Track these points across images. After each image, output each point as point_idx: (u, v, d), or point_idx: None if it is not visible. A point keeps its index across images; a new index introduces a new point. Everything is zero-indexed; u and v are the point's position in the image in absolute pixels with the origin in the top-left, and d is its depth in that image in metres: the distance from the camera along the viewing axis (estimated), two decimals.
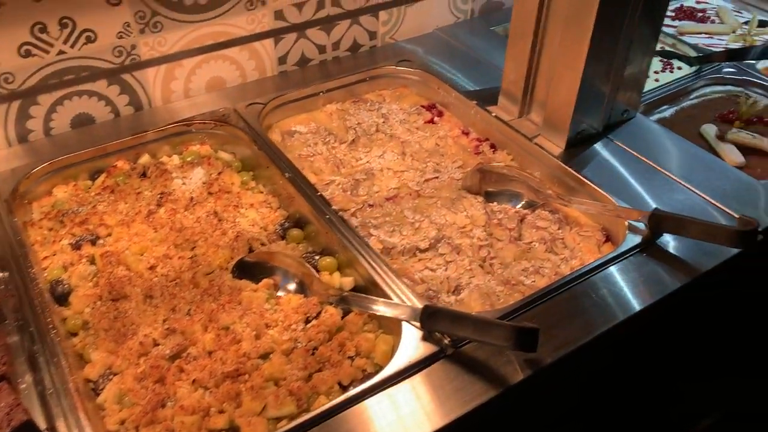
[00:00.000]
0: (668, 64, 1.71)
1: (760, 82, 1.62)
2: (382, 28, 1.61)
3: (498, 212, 1.24)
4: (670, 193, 1.21)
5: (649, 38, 1.27)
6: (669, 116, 1.57)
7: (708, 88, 1.64)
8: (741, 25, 1.89)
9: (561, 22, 1.20)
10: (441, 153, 1.38)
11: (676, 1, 2.03)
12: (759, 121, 1.52)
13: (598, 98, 1.26)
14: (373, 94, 1.53)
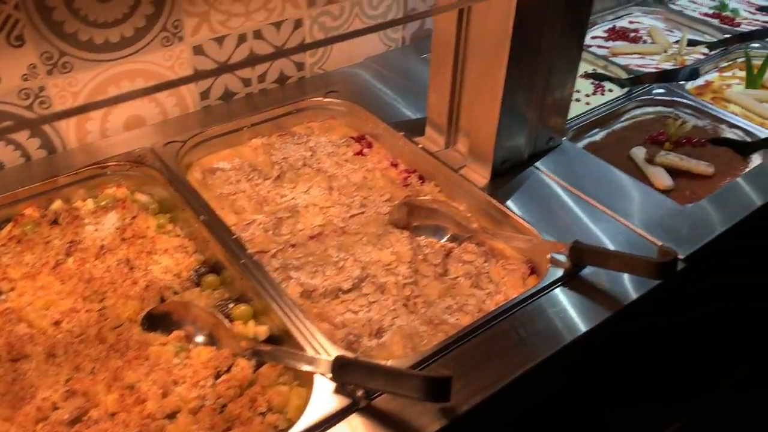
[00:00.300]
0: (599, 87, 1.72)
1: (689, 102, 1.63)
2: (309, 59, 1.59)
3: (425, 247, 1.21)
4: (595, 222, 1.20)
5: (571, 64, 1.26)
6: (600, 139, 1.57)
7: (639, 109, 1.65)
8: (672, 44, 1.91)
9: (478, 51, 1.19)
10: (369, 186, 1.35)
11: (608, 23, 2.05)
12: (688, 141, 1.53)
13: (522, 127, 1.25)
14: (301, 127, 1.50)
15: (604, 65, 1.80)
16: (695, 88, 1.74)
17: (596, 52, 1.89)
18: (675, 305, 1.20)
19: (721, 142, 1.53)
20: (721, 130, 1.57)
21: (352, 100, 1.51)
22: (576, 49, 1.25)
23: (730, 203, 1.26)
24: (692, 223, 1.20)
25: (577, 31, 1.23)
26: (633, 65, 1.84)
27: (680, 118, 1.61)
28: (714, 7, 2.17)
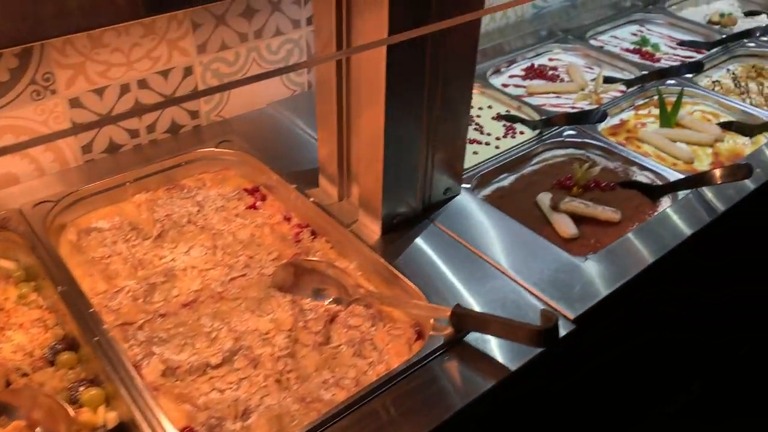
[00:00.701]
0: (511, 129, 1.68)
1: (600, 144, 1.60)
2: (204, 106, 1.52)
3: (309, 311, 1.14)
4: (487, 281, 1.13)
5: (461, 112, 1.21)
6: (508, 185, 1.52)
7: (549, 152, 1.61)
8: (588, 82, 1.89)
9: (358, 102, 1.13)
10: (257, 244, 1.27)
11: (528, 60, 2.03)
12: (596, 185, 1.48)
13: (412, 179, 1.19)
14: (192, 179, 1.42)
15: (518, 106, 1.76)
16: (610, 127, 1.72)
17: (512, 92, 1.86)
18: (568, 367, 1.14)
19: (631, 185, 1.49)
20: (632, 172, 1.54)
21: (248, 149, 1.43)
22: (465, 98, 1.20)
23: (632, 253, 1.22)
24: (588, 278, 1.14)
25: (465, 80, 1.18)
26: (548, 105, 1.81)
27: (590, 160, 1.58)
28: (635, 43, 2.16)
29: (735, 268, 1.67)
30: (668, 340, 1.58)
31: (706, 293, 1.63)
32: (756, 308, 2.00)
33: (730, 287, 1.73)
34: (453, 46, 1.10)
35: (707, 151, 1.63)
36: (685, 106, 1.80)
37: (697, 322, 1.68)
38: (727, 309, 1.79)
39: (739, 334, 2.08)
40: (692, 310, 1.60)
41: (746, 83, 1.95)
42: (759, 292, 1.89)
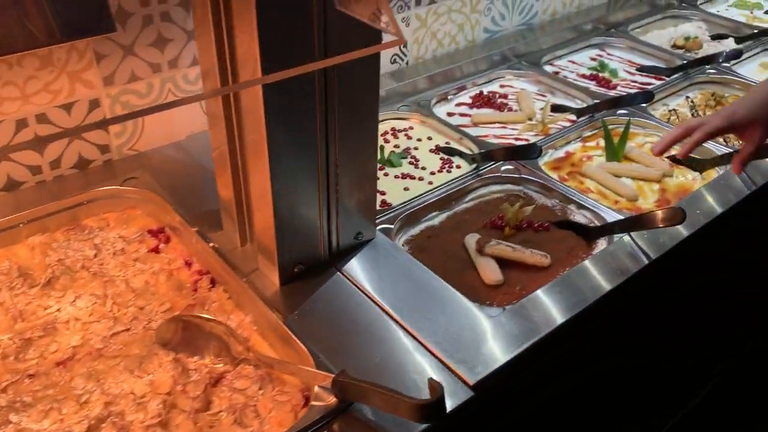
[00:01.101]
0: (448, 162, 1.60)
1: (540, 180, 1.51)
2: (115, 140, 1.44)
3: (193, 371, 1.05)
4: (385, 341, 1.04)
5: (365, 156, 1.12)
6: (438, 224, 1.43)
7: (485, 188, 1.52)
8: (536, 112, 1.81)
9: (245, 141, 1.05)
10: (151, 292, 1.18)
11: (478, 87, 1.95)
12: (529, 226, 1.40)
13: (310, 226, 1.10)
14: (96, 219, 1.34)
15: (459, 138, 1.68)
16: (554, 161, 1.63)
17: (457, 121, 1.78)
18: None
19: (565, 225, 1.41)
20: (570, 211, 1.45)
21: (154, 187, 1.35)
22: (369, 141, 1.11)
23: (546, 308, 1.12)
24: (496, 337, 1.04)
25: (368, 122, 1.09)
26: (492, 136, 1.73)
27: (527, 197, 1.49)
28: (592, 68, 2.09)
29: (659, 319, 1.58)
30: (592, 397, 1.48)
31: (633, 343, 1.53)
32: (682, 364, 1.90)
33: (653, 341, 1.63)
34: (348, 87, 1.01)
35: (654, 188, 1.54)
36: (636, 138, 1.72)
37: (622, 378, 1.58)
38: (650, 368, 1.69)
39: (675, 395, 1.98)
40: (613, 366, 1.50)
41: (704, 112, 1.87)
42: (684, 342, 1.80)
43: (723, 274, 1.71)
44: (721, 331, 1.96)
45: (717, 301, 1.81)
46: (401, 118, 1.76)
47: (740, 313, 2.00)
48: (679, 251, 1.24)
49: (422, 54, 1.90)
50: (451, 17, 1.90)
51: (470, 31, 1.98)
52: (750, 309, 2.07)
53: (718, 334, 1.94)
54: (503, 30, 2.09)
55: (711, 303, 1.78)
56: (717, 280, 1.71)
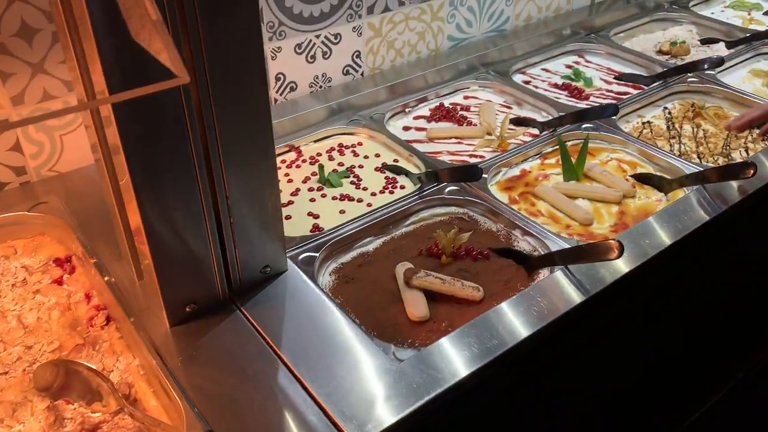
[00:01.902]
0: (392, 182, 1.50)
1: (485, 203, 1.40)
2: (32, 161, 1.37)
3: (69, 420, 0.97)
4: (273, 394, 0.94)
5: (262, 184, 1.02)
6: (372, 250, 1.33)
7: (428, 210, 1.42)
8: (496, 125, 1.70)
9: (119, 175, 0.96)
10: (44, 329, 1.10)
11: (440, 99, 1.84)
12: (468, 253, 1.29)
13: (199, 260, 1.01)
14: (3, 246, 1.27)
15: (409, 155, 1.58)
16: (507, 179, 1.52)
17: (413, 136, 1.68)
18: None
19: (507, 253, 1.30)
20: (514, 237, 1.35)
21: (64, 212, 1.27)
22: (266, 167, 1.01)
23: (453, 354, 1.01)
24: (396, 389, 0.94)
25: (260, 148, 0.99)
26: (446, 153, 1.63)
27: (470, 221, 1.38)
28: (566, 77, 1.97)
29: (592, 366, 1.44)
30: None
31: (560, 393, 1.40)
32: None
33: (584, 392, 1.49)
34: (228, 113, 0.92)
35: (612, 210, 1.43)
36: (601, 154, 1.60)
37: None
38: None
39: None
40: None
41: (681, 125, 1.74)
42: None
43: (671, 314, 1.57)
44: (663, 381, 1.81)
45: (662, 347, 1.67)
46: (350, 133, 1.67)
47: (686, 357, 1.85)
48: (618, 287, 1.13)
49: (379, 64, 1.80)
50: (409, 25, 1.80)
51: (432, 39, 1.88)
52: (695, 351, 1.90)
53: (657, 385, 1.79)
54: (471, 37, 1.98)
55: (654, 349, 1.65)
56: (666, 321, 1.58)
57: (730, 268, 1.68)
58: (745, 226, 1.59)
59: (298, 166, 1.55)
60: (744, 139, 1.66)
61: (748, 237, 1.65)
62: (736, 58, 2.05)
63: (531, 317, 1.09)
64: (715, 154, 1.61)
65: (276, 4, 1.51)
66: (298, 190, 1.47)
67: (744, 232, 1.60)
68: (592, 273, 1.16)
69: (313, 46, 1.64)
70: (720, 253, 1.56)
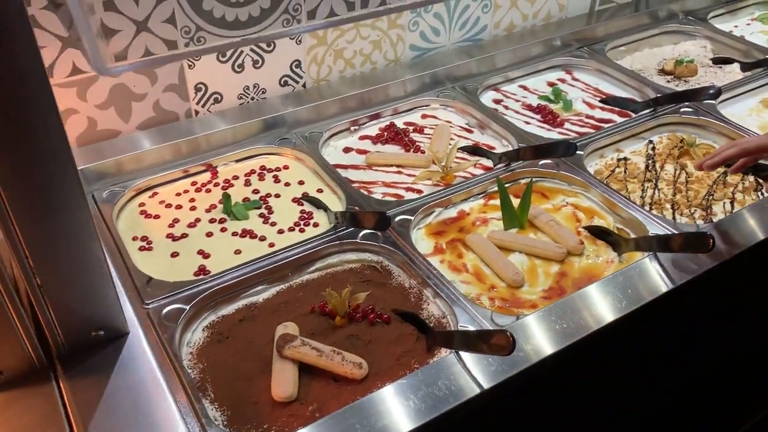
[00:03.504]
0: (307, 218, 1.33)
1: (402, 252, 1.22)
2: None
3: None
4: None
5: (78, 239, 0.86)
6: (262, 302, 1.17)
7: (339, 255, 1.25)
8: (442, 154, 1.50)
9: None
10: None
11: (390, 118, 1.66)
12: (364, 315, 1.12)
13: (3, 325, 0.87)
14: None
15: (336, 185, 1.40)
16: (440, 222, 1.33)
17: (353, 160, 1.51)
18: None
19: (410, 318, 1.12)
20: (425, 298, 1.17)
21: None
22: (77, 218, 0.85)
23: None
24: None
25: (61, 185, 0.83)
26: (380, 183, 1.45)
27: (382, 272, 1.21)
28: (544, 97, 1.76)
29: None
30: None
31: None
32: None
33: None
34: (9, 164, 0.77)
35: (551, 270, 1.23)
36: (557, 197, 1.40)
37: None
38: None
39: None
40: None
41: (663, 164, 1.51)
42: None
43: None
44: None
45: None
46: (276, 154, 1.51)
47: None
48: (518, 382, 0.95)
49: (325, 75, 1.63)
50: (360, 33, 1.62)
51: (391, 48, 1.69)
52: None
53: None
54: (439, 47, 1.79)
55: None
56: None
57: (676, 357, 1.46)
58: (700, 306, 1.35)
59: (209, 191, 1.40)
60: (733, 187, 1.44)
61: (699, 316, 1.41)
62: (751, 83, 1.80)
63: (413, 408, 0.92)
64: (692, 206, 1.39)
65: (191, 7, 1.36)
66: (198, 221, 1.32)
67: (697, 311, 1.36)
68: (486, 364, 0.97)
69: (240, 54, 1.48)
70: (665, 336, 1.34)
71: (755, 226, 1.27)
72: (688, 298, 1.19)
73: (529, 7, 1.87)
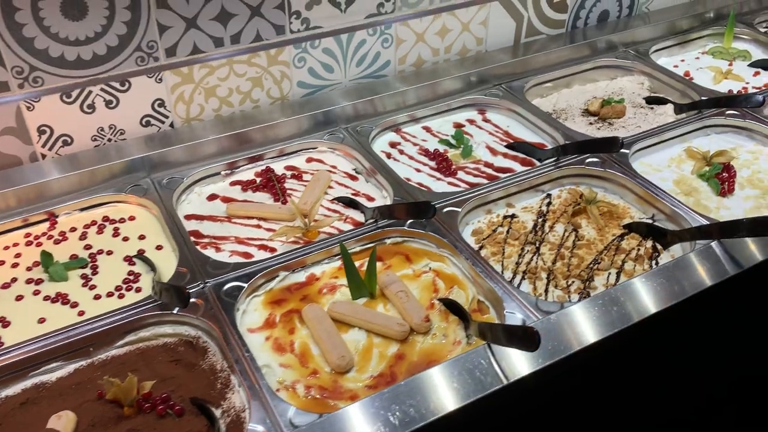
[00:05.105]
0: (132, 281, 1.20)
1: (222, 327, 1.09)
2: None
3: None
4: None
5: None
6: (54, 381, 1.04)
7: (155, 328, 1.11)
8: (311, 206, 1.36)
9: None
10: None
11: (270, 161, 1.52)
12: (152, 407, 0.99)
13: None
14: None
15: (180, 243, 1.27)
16: (284, 288, 1.20)
17: (216, 209, 1.39)
18: None
19: (205, 411, 0.99)
20: (232, 384, 1.03)
21: None
22: None
23: None
24: None
25: None
26: (233, 239, 1.32)
27: (197, 349, 1.08)
28: (444, 141, 1.61)
29: None
30: None
31: None
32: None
33: None
34: None
35: (389, 351, 1.09)
36: (421, 260, 1.26)
37: None
38: None
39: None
40: None
41: (554, 223, 1.37)
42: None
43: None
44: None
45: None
46: (124, 202, 1.39)
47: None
48: None
49: (196, 114, 1.51)
50: (234, 70, 1.49)
51: (275, 86, 1.57)
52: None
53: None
54: (335, 84, 1.66)
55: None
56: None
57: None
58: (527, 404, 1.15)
59: (39, 244, 1.28)
60: (625, 254, 1.29)
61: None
62: (681, 126, 1.64)
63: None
64: (571, 276, 1.24)
65: (21, 46, 1.25)
66: (15, 280, 1.21)
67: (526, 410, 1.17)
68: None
69: (88, 94, 1.37)
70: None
71: (630, 308, 1.12)
72: (519, 396, 1.04)
73: (439, 42, 1.74)
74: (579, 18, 1.97)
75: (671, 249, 1.31)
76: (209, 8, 1.39)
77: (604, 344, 1.07)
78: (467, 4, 1.73)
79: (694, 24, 2.13)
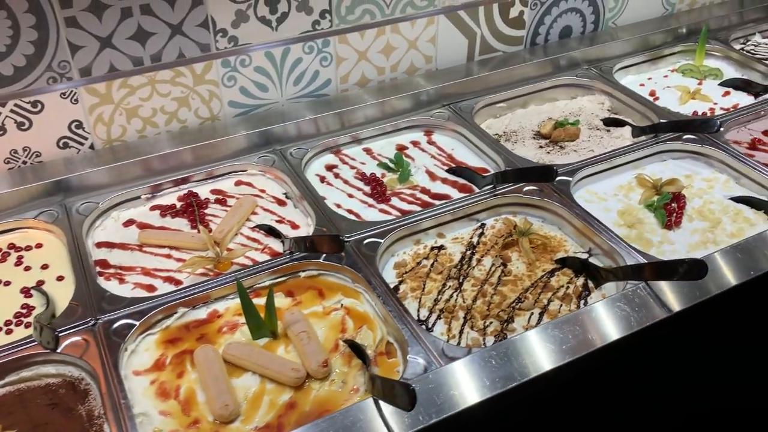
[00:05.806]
0: (24, 315, 1.14)
1: (106, 369, 1.03)
2: None
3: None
4: None
5: None
6: None
7: (36, 368, 1.05)
8: (226, 234, 1.30)
9: None
10: None
11: (195, 184, 1.45)
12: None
13: None
14: None
15: (80, 275, 1.21)
16: (182, 326, 1.13)
17: (129, 236, 1.33)
18: None
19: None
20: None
21: None
22: None
23: None
24: None
25: None
26: (139, 270, 1.26)
27: (77, 392, 1.01)
28: (383, 165, 1.54)
29: None
30: None
31: None
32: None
33: None
34: None
35: (280, 399, 1.02)
36: (334, 296, 1.19)
37: None
38: None
39: None
40: None
41: (483, 255, 1.29)
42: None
43: None
44: None
45: None
46: (33, 228, 1.33)
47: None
48: None
49: (118, 135, 1.45)
50: (158, 90, 1.43)
51: (204, 105, 1.50)
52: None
53: None
54: (270, 103, 1.59)
55: None
56: None
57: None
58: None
59: None
60: (553, 292, 1.21)
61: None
62: (636, 151, 1.55)
63: None
64: (490, 317, 1.16)
65: None
66: None
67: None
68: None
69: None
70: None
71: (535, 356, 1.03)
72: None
73: (384, 60, 1.67)
74: (539, 34, 1.88)
75: (604, 287, 1.23)
76: (124, 27, 1.33)
77: (486, 405, 0.97)
78: (410, 18, 1.65)
79: (666, 39, 2.04)
